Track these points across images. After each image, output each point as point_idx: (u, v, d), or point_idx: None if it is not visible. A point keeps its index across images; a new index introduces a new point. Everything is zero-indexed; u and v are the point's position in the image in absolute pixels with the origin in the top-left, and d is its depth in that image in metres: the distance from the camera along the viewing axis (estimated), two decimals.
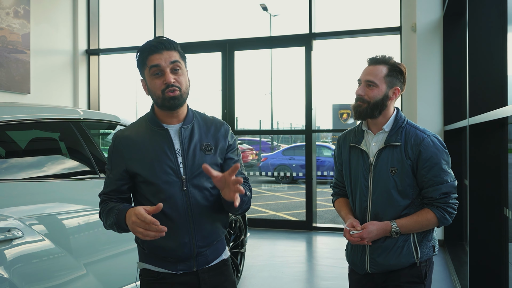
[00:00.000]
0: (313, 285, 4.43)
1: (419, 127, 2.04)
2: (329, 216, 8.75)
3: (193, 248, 1.76)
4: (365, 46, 9.80)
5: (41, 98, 6.84)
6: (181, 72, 1.74)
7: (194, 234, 1.76)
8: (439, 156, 1.96)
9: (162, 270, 1.78)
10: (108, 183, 1.79)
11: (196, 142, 1.79)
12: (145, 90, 1.81)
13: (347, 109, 16.91)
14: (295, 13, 12.00)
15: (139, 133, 1.79)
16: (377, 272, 2.03)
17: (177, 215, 1.74)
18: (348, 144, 2.14)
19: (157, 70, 1.72)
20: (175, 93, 1.71)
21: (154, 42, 1.74)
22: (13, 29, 6.38)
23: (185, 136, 1.78)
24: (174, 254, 1.75)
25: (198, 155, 1.77)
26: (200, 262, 1.79)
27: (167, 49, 1.73)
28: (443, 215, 1.96)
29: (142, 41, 1.84)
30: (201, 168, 1.69)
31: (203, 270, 1.80)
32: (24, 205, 2.19)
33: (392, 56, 2.06)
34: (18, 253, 2.04)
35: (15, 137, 2.64)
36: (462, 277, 4.11)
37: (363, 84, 2.04)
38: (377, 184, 2.00)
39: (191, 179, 1.75)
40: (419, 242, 2.00)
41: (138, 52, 1.78)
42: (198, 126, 1.83)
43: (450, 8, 5.24)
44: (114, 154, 1.79)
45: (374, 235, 1.94)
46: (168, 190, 1.73)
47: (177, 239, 1.74)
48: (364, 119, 2.07)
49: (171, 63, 1.72)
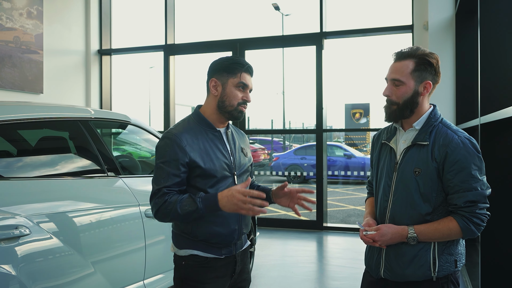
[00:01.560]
0: (324, 285, 4.40)
1: (453, 127, 1.87)
2: (340, 216, 8.71)
3: (240, 234, 2.05)
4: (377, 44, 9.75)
5: (54, 98, 6.91)
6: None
7: (241, 222, 2.05)
8: (469, 160, 1.77)
9: (209, 255, 2.00)
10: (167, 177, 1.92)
11: (238, 145, 2.12)
12: (213, 90, 2.03)
13: (360, 109, 16.82)
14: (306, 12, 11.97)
15: (194, 132, 2.00)
16: (390, 279, 1.90)
17: None
18: (380, 141, 2.03)
19: (244, 86, 2.02)
20: (245, 109, 2.06)
21: (250, 65, 2.05)
22: (26, 29, 6.46)
23: (231, 139, 2.10)
24: (225, 239, 2.00)
25: (241, 156, 2.11)
26: (238, 246, 2.09)
27: (252, 76, 2.07)
28: (467, 225, 1.77)
29: (153, 41, 1.91)
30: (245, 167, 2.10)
31: (238, 253, 2.09)
32: (32, 203, 2.21)
33: (419, 46, 1.90)
34: (26, 251, 2.05)
35: (25, 136, 2.66)
36: (473, 278, 4.06)
37: (389, 83, 1.91)
38: (400, 185, 1.87)
39: (239, 175, 2.06)
40: (439, 255, 1.83)
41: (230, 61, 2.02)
42: (234, 131, 2.16)
43: (463, 6, 5.17)
44: (174, 148, 1.93)
45: (388, 238, 1.82)
46: (225, 183, 2.00)
47: (229, 226, 2.00)
48: (396, 121, 1.94)
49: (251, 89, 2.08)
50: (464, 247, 1.93)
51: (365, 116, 16.71)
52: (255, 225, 4.55)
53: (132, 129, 3.58)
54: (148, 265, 2.80)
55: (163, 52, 7.47)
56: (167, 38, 7.45)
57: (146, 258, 2.80)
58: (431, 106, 1.93)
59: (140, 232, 2.76)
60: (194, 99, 12.22)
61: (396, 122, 1.96)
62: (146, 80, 18.91)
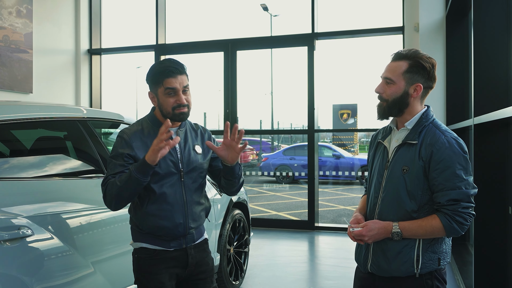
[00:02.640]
0: (316, 285, 4.43)
1: (442, 127, 1.92)
2: (330, 216, 8.75)
3: (186, 228, 2.13)
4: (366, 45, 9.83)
5: (44, 98, 6.84)
6: (189, 93, 2.12)
7: (187, 216, 2.13)
8: (454, 160, 1.82)
9: (157, 247, 2.11)
10: (114, 167, 2.04)
11: (189, 143, 2.18)
12: (153, 102, 2.15)
13: (348, 109, 16.89)
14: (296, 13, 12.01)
15: (144, 131, 2.13)
16: (377, 274, 1.96)
17: (175, 200, 2.10)
18: (377, 140, 2.09)
19: (171, 91, 2.06)
20: (185, 109, 2.09)
21: (170, 67, 2.07)
22: (15, 28, 6.38)
23: (181, 137, 2.16)
24: (170, 232, 2.10)
25: (192, 154, 2.16)
26: (188, 240, 2.16)
27: (180, 73, 2.08)
28: (450, 223, 1.81)
29: (143, 41, 1.93)
30: (194, 164, 2.15)
31: (190, 247, 2.17)
32: (34, 204, 2.20)
33: (419, 50, 1.95)
34: (28, 251, 2.04)
35: (23, 136, 2.64)
36: (465, 276, 4.11)
37: (382, 81, 1.98)
38: (389, 182, 1.93)
39: (187, 172, 2.14)
40: (423, 252, 1.87)
41: (153, 72, 2.10)
42: (189, 130, 2.23)
43: (453, 8, 5.24)
44: (122, 144, 2.07)
45: (374, 233, 1.86)
46: (170, 179, 2.10)
47: (174, 220, 2.10)
48: (385, 118, 1.99)
49: (183, 87, 2.08)
50: (450, 246, 1.97)
51: (353, 117, 16.79)
52: (249, 225, 4.56)
53: None
54: None
55: (154, 52, 7.43)
56: (158, 38, 7.42)
57: None
58: (425, 107, 1.99)
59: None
60: None
61: (386, 119, 2.02)
62: (134, 80, 18.80)
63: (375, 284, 1.98)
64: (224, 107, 7.18)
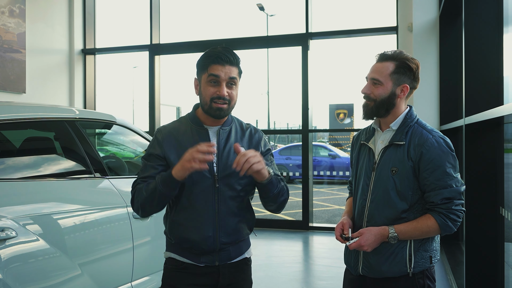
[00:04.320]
0: (310, 285, 4.42)
1: (427, 127, 1.93)
2: (325, 216, 8.75)
3: (216, 243, 1.85)
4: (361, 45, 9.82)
5: (37, 98, 6.81)
6: (235, 88, 1.88)
7: (219, 229, 1.85)
8: (444, 159, 1.84)
9: (186, 260, 1.88)
10: (145, 169, 1.87)
11: (231, 144, 1.90)
12: (196, 90, 1.93)
13: (344, 109, 16.92)
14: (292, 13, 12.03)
15: (180, 129, 1.91)
16: (369, 276, 1.95)
17: (205, 209, 1.84)
18: (360, 142, 2.08)
19: (215, 79, 1.83)
20: (224, 106, 1.84)
21: (221, 53, 1.84)
22: (8, 28, 6.35)
23: (223, 137, 1.90)
24: (198, 246, 1.84)
25: (231, 157, 1.86)
26: (222, 257, 1.88)
27: (230, 63, 1.84)
28: (445, 222, 1.83)
29: (138, 40, 1.87)
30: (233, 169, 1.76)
31: (224, 265, 1.89)
32: (19, 205, 2.18)
33: (403, 51, 1.95)
34: (12, 253, 2.02)
35: (10, 137, 2.62)
36: (458, 276, 4.11)
37: (369, 81, 1.97)
38: (377, 184, 1.92)
39: (223, 178, 1.85)
40: (415, 251, 1.88)
41: (202, 56, 1.89)
42: (235, 130, 1.96)
43: (447, 8, 5.25)
44: (153, 144, 1.89)
45: (372, 241, 1.85)
46: (200, 184, 1.83)
47: (202, 232, 1.84)
48: (371, 118, 1.99)
49: (230, 78, 1.84)
50: (439, 244, 1.99)
51: (349, 117, 16.82)
52: None
53: (117, 129, 3.55)
54: (136, 266, 2.78)
55: (148, 52, 7.41)
56: (152, 38, 7.40)
57: (134, 259, 2.78)
58: (407, 107, 2.00)
59: (127, 234, 2.73)
60: (179, 99, 12.15)
61: (371, 119, 2.01)
62: (129, 80, 18.78)
63: (366, 286, 1.97)
64: None
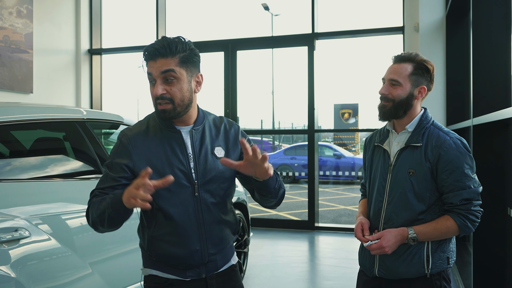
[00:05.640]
0: (316, 285, 4.43)
1: (444, 129, 1.94)
2: (331, 216, 8.75)
3: (204, 256, 1.70)
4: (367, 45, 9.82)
5: (44, 98, 6.85)
6: (175, 82, 1.60)
7: (206, 241, 1.69)
8: (462, 160, 1.84)
9: (170, 276, 1.71)
10: (105, 179, 1.65)
11: (207, 145, 1.71)
12: None
13: (349, 109, 16.90)
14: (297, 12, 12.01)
15: (148, 133, 1.68)
16: (385, 277, 1.94)
17: (188, 222, 1.66)
18: (373, 143, 2.08)
19: (151, 78, 1.61)
20: (165, 106, 1.60)
21: (150, 47, 1.60)
22: (16, 28, 6.39)
23: (196, 138, 1.70)
24: (185, 262, 1.68)
25: (209, 160, 1.69)
26: (209, 268, 1.73)
27: (162, 56, 1.58)
28: (464, 222, 1.84)
29: (144, 40, 1.82)
30: (213, 173, 1.67)
31: (211, 276, 1.74)
32: (31, 205, 2.20)
33: (418, 53, 1.96)
34: (25, 253, 2.04)
35: (21, 137, 2.64)
36: (465, 277, 4.11)
37: (386, 83, 1.96)
38: (394, 185, 1.92)
39: (203, 184, 1.67)
40: (433, 252, 1.89)
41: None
42: (209, 128, 1.75)
43: (453, 8, 5.23)
44: (120, 151, 1.66)
45: (392, 242, 1.84)
46: (179, 195, 1.65)
47: (188, 246, 1.66)
48: (389, 119, 1.99)
49: (162, 73, 1.58)
50: (455, 245, 1.99)
51: (354, 116, 16.79)
52: (249, 225, 4.56)
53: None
54: None
55: None
56: (158, 37, 7.42)
57: None
58: (422, 109, 2.00)
59: (136, 233, 2.75)
60: None
61: (388, 120, 2.01)
62: (133, 80, 18.83)
63: (382, 287, 1.97)
64: (225, 107, 7.19)
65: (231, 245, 1.83)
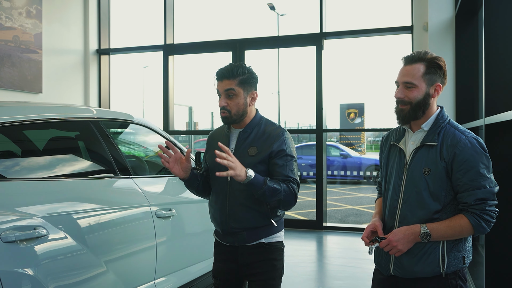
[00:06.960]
0: (325, 285, 4.42)
1: (460, 128, 1.92)
2: (338, 216, 8.74)
3: (228, 227, 2.20)
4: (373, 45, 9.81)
5: (53, 98, 6.89)
6: (234, 97, 2.17)
7: (228, 216, 2.20)
8: (477, 159, 1.83)
9: (217, 238, 2.34)
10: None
11: (246, 144, 2.21)
12: None
13: (355, 109, 16.87)
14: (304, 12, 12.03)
15: (222, 131, 2.33)
16: (400, 276, 1.94)
17: (219, 199, 2.23)
18: (389, 142, 2.08)
19: (218, 93, 2.21)
20: (225, 114, 2.19)
21: (219, 71, 2.19)
22: (25, 29, 6.43)
23: (241, 139, 2.23)
24: (218, 227, 2.27)
25: (243, 156, 2.17)
26: (239, 239, 2.20)
27: (227, 78, 2.16)
28: (479, 222, 1.82)
29: (152, 40, 1.94)
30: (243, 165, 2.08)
31: (243, 247, 2.22)
32: (48, 204, 2.21)
33: (427, 51, 1.95)
34: (43, 251, 2.06)
35: (35, 136, 2.66)
36: (476, 277, 4.09)
37: (401, 86, 1.94)
38: (410, 184, 1.92)
39: None
40: (448, 252, 1.87)
41: None
42: (256, 133, 2.24)
43: (463, 7, 5.21)
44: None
45: (401, 237, 1.85)
46: (219, 178, 2.20)
47: (218, 217, 2.24)
48: (408, 122, 1.97)
49: (225, 91, 2.16)
50: (471, 245, 1.97)
51: (360, 116, 16.77)
52: None
53: (134, 129, 3.57)
54: (158, 265, 2.81)
55: (163, 52, 7.46)
56: (166, 38, 7.44)
57: (157, 258, 2.81)
58: (438, 107, 1.99)
59: (150, 232, 2.76)
60: (191, 99, 12.19)
61: (408, 124, 1.99)
62: (140, 79, 18.88)
63: (397, 286, 1.97)
64: None
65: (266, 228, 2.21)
